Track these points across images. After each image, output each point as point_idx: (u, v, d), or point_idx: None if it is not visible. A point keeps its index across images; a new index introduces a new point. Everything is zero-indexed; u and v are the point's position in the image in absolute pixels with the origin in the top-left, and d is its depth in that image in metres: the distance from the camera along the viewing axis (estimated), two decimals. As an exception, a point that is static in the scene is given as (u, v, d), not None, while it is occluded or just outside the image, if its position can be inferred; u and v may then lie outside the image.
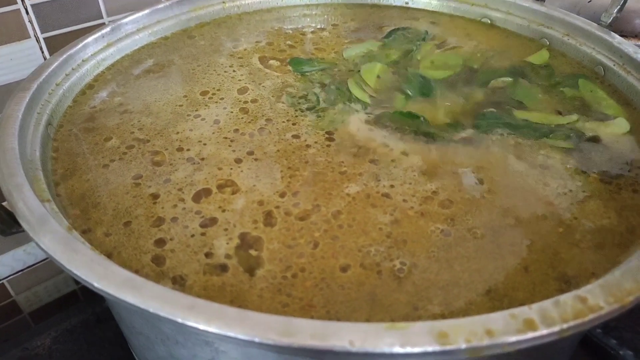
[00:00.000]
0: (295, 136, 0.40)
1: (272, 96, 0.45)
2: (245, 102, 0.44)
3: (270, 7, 0.61)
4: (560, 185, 0.35)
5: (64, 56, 0.43)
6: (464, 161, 0.37)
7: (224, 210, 0.33)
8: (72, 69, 0.44)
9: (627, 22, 0.58)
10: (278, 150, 0.38)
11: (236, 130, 0.40)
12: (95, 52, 0.47)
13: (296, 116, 0.42)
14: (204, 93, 0.45)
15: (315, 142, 0.39)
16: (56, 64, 0.42)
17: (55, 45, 0.53)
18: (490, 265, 0.29)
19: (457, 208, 0.33)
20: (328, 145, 0.39)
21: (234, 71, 0.48)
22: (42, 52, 0.53)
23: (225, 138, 0.39)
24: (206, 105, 0.43)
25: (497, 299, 0.27)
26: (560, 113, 0.43)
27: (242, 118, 0.42)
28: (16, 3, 0.49)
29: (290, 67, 0.49)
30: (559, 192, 0.35)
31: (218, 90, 0.45)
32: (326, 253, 0.30)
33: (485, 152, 0.38)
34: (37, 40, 0.52)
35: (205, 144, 0.39)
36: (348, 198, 0.34)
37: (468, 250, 0.30)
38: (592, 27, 0.49)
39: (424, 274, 0.29)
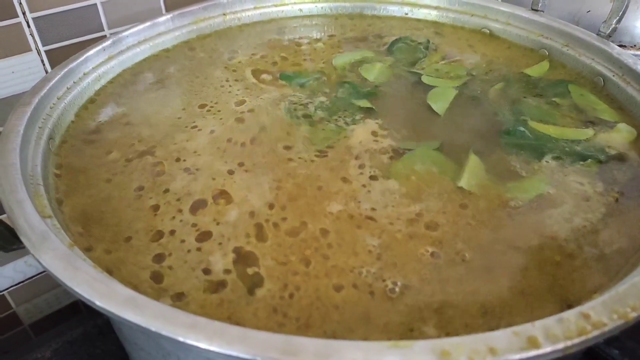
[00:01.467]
0: (287, 147, 0.40)
1: (270, 106, 0.45)
2: (242, 112, 0.44)
3: (270, 19, 0.61)
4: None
5: (65, 70, 0.44)
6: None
7: (218, 223, 0.33)
8: (74, 83, 0.44)
9: (627, 33, 0.58)
10: (266, 158, 0.39)
11: (229, 140, 0.41)
12: (97, 66, 0.47)
13: (290, 128, 0.42)
14: (202, 106, 0.45)
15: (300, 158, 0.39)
16: (57, 77, 0.42)
17: (56, 57, 0.54)
18: (484, 288, 0.29)
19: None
20: (312, 161, 0.39)
21: (230, 85, 0.48)
22: (44, 65, 0.53)
23: (218, 148, 0.40)
24: (204, 117, 0.43)
25: (493, 321, 0.27)
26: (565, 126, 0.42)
27: (238, 127, 0.42)
28: (17, 16, 0.50)
29: (282, 81, 0.49)
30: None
31: (216, 103, 0.46)
32: (319, 272, 0.30)
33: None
34: (39, 53, 0.52)
35: (200, 155, 0.39)
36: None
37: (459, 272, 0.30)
38: (591, 37, 0.49)
39: (417, 296, 0.29)
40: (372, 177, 0.37)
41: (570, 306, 0.28)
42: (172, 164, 0.38)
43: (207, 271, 0.30)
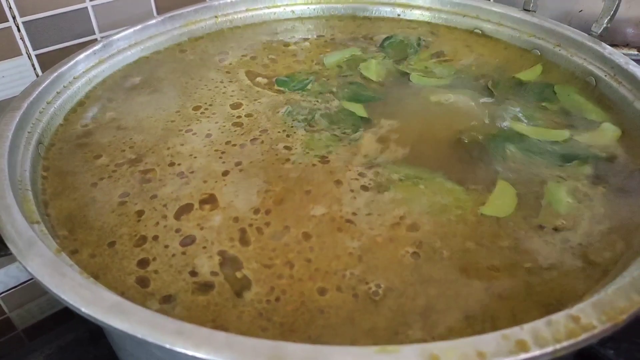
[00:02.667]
0: (287, 147, 0.40)
1: (269, 110, 0.45)
2: (239, 116, 0.44)
3: (262, 21, 0.61)
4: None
5: (55, 74, 0.43)
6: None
7: (202, 228, 0.33)
8: (64, 87, 0.44)
9: (618, 32, 0.58)
10: (263, 160, 0.38)
11: (227, 142, 0.40)
12: (87, 69, 0.47)
13: (287, 130, 0.42)
14: (196, 108, 0.45)
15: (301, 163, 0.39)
16: (47, 82, 0.42)
17: (47, 61, 0.53)
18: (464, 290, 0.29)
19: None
20: (314, 165, 0.38)
21: (224, 87, 0.48)
22: (35, 69, 0.53)
23: (217, 150, 0.40)
24: (198, 120, 0.43)
25: (477, 324, 0.27)
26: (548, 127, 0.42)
27: (235, 131, 0.42)
28: (7, 21, 0.49)
29: (277, 87, 0.49)
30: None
31: (210, 105, 0.45)
32: (303, 275, 0.30)
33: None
34: (29, 57, 0.52)
35: (195, 157, 0.39)
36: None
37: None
38: (583, 37, 0.49)
39: (400, 299, 0.28)
40: (364, 188, 0.36)
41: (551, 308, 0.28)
42: (165, 168, 0.38)
43: (193, 273, 0.30)
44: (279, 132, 0.42)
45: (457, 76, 0.50)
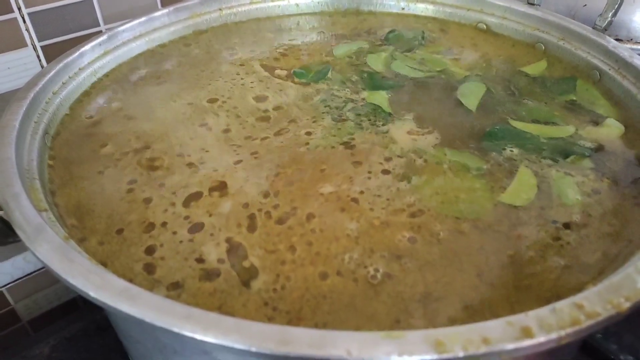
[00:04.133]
0: (308, 133, 0.40)
1: (299, 100, 0.45)
2: (266, 110, 0.44)
3: (266, 15, 0.61)
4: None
5: (61, 65, 0.44)
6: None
7: (211, 215, 0.33)
8: (69, 77, 0.44)
9: (623, 26, 0.58)
10: (280, 147, 0.39)
11: (248, 137, 0.40)
12: (92, 60, 0.47)
13: (316, 117, 0.42)
14: (212, 100, 0.45)
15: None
16: (53, 72, 0.42)
17: (52, 53, 0.53)
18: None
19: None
20: (333, 147, 0.38)
21: (242, 79, 0.48)
22: (40, 61, 0.53)
23: (232, 144, 0.40)
24: (216, 114, 0.43)
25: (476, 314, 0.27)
26: (555, 123, 0.42)
27: (260, 126, 0.42)
28: (13, 12, 0.50)
29: (297, 78, 0.49)
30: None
31: (229, 98, 0.45)
32: (305, 260, 0.30)
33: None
34: (34, 49, 0.52)
35: (207, 151, 0.39)
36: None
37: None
38: (587, 31, 0.49)
39: (398, 286, 0.29)
40: (385, 172, 0.36)
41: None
42: (174, 157, 0.38)
43: (200, 260, 0.30)
44: (307, 119, 0.42)
45: (442, 72, 0.50)
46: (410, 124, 0.42)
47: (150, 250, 0.31)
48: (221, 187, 0.35)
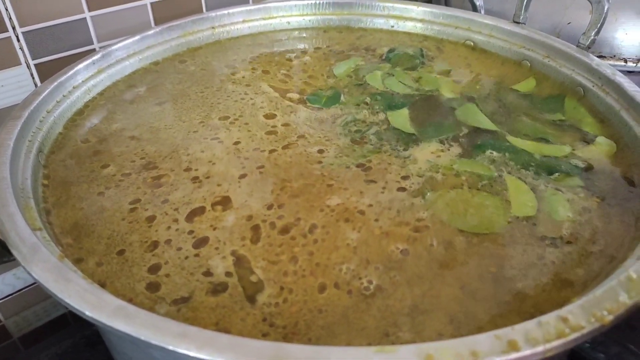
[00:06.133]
0: (320, 151, 0.41)
1: (311, 122, 0.45)
2: (274, 125, 0.44)
3: (259, 32, 0.62)
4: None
5: (55, 84, 0.44)
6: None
7: (214, 229, 0.34)
8: (63, 96, 0.45)
9: (606, 44, 0.60)
10: (289, 162, 0.39)
11: (256, 149, 0.41)
12: (86, 79, 0.48)
13: (333, 138, 0.43)
14: (223, 118, 0.45)
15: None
16: (47, 91, 0.43)
17: (46, 71, 0.54)
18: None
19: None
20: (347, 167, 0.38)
21: (251, 98, 0.48)
22: (33, 79, 0.53)
23: (239, 157, 0.40)
24: (227, 129, 0.44)
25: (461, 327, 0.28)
26: (548, 141, 0.43)
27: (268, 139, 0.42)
28: (7, 31, 0.50)
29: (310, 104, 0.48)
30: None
31: (240, 116, 0.46)
32: (305, 271, 0.31)
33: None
34: (28, 67, 0.53)
35: (214, 163, 0.39)
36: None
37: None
38: (571, 49, 0.51)
39: (388, 300, 0.29)
40: (401, 189, 0.36)
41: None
42: (180, 173, 0.39)
43: (208, 274, 0.31)
44: (318, 137, 0.42)
45: (431, 91, 0.51)
46: (436, 145, 0.42)
47: (154, 269, 0.31)
48: (225, 202, 0.36)
